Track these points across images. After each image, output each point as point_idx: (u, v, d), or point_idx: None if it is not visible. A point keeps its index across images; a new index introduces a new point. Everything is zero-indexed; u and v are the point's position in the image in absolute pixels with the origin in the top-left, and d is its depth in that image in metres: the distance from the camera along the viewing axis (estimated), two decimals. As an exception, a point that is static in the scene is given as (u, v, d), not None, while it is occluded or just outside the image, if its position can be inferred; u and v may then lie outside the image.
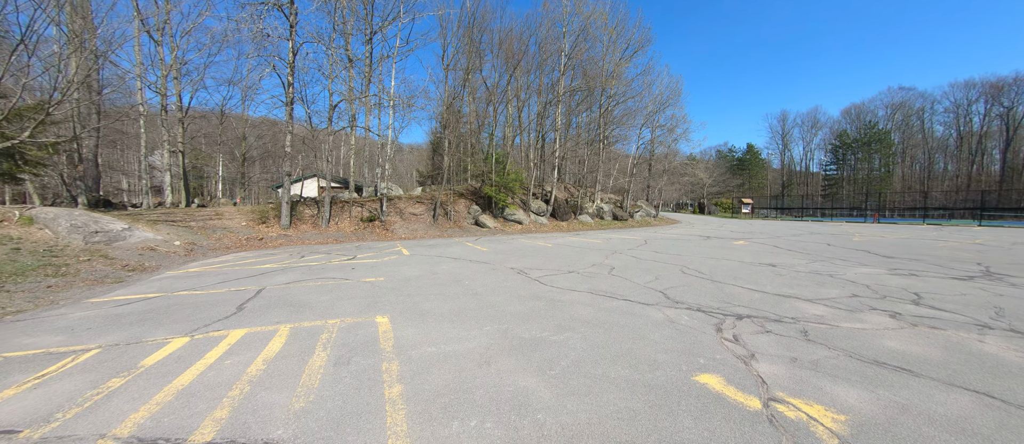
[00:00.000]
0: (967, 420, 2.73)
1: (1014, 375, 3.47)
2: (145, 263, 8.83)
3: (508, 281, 7.46)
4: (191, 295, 6.35)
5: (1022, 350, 4.07)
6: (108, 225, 10.04)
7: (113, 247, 9.36)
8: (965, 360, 3.81)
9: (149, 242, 10.25)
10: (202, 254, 10.86)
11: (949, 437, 2.52)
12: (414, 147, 61.43)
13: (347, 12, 16.64)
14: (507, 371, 3.41)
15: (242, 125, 25.83)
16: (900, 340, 4.34)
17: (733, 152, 75.64)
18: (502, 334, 4.38)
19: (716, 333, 4.52)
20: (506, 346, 4.01)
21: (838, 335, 4.47)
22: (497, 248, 13.35)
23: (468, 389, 3.08)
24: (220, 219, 15.03)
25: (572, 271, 8.63)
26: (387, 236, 16.93)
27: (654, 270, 8.76)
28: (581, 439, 2.44)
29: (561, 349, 3.93)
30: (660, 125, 35.30)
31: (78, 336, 4.36)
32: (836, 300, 6.13)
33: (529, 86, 26.35)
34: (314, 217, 17.10)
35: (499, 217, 22.46)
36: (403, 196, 23.81)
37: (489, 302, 5.83)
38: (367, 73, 19.59)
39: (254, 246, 12.87)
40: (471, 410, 2.76)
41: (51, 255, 8.01)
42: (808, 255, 11.40)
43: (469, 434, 2.48)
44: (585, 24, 24.38)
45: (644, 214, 33.68)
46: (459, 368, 3.47)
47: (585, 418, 2.67)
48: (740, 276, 8.09)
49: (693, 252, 12.15)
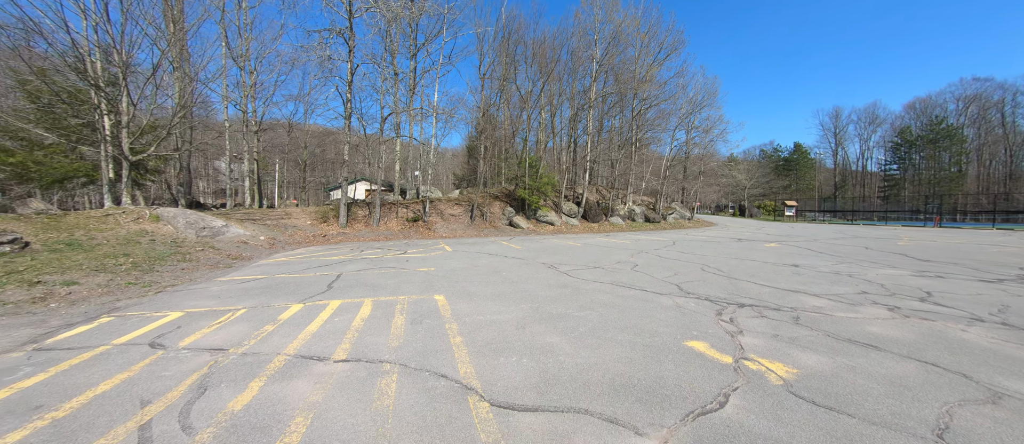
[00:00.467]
0: (900, 377, 3.50)
1: (972, 354, 4.09)
2: (242, 253, 10.83)
3: (539, 273, 8.56)
4: (289, 277, 8.02)
5: (998, 339, 4.59)
6: (211, 222, 12.28)
7: (216, 240, 11.51)
8: (934, 342, 4.43)
9: (241, 237, 12.39)
10: (281, 247, 12.90)
11: (875, 385, 3.32)
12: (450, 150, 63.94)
13: (395, 33, 18.54)
14: (537, 333, 4.52)
15: (304, 136, 28.90)
16: (884, 327, 4.97)
17: (779, 152, 71.67)
18: (533, 310, 5.49)
19: (715, 316, 5.36)
20: (536, 317, 5.12)
21: (827, 321, 5.16)
22: (530, 246, 14.47)
23: (508, 341, 4.22)
24: (289, 218, 17.33)
25: (597, 267, 9.56)
26: (430, 235, 18.57)
27: (675, 268, 9.50)
28: (589, 371, 3.50)
29: (580, 321, 4.98)
30: (695, 127, 34.85)
31: (226, 301, 5.99)
32: (842, 295, 6.67)
33: (562, 92, 27.28)
34: (366, 217, 19.10)
35: (532, 218, 23.56)
36: (442, 198, 25.57)
37: (523, 288, 6.96)
38: (412, 86, 21.48)
39: (320, 241, 14.87)
40: (511, 352, 3.90)
41: (177, 246, 10.13)
42: (837, 257, 11.54)
43: (511, 365, 3.61)
44: (616, 31, 24.95)
45: (678, 216, 33.41)
46: (501, 329, 4.63)
47: (594, 360, 3.73)
48: (757, 274, 8.65)
49: (719, 253, 12.60)
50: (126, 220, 10.74)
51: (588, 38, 24.64)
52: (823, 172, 71.21)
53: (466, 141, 46.24)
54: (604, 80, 28.17)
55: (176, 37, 17.62)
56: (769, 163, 68.40)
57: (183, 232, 11.15)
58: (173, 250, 9.71)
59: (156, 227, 10.94)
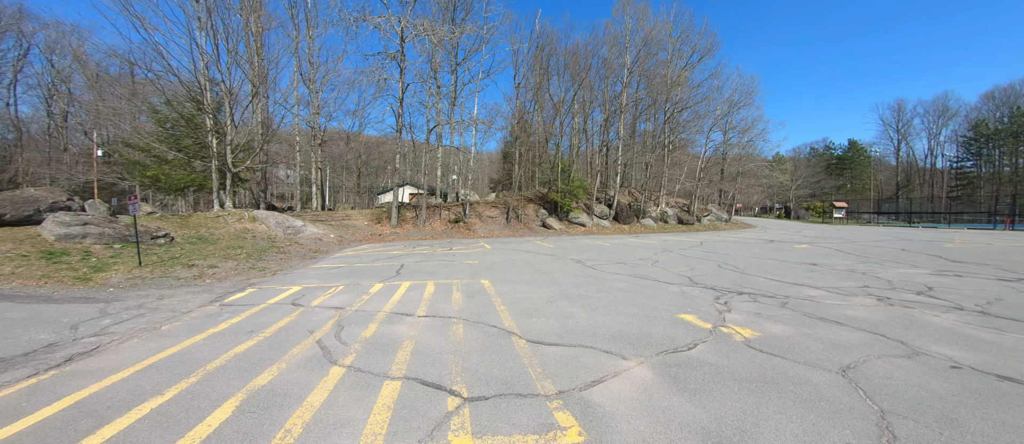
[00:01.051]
0: (844, 341, 4.51)
1: (926, 330, 4.93)
2: (320, 248, 13.08)
3: (567, 266, 9.88)
4: (364, 266, 9.94)
5: (963, 322, 5.33)
6: (293, 222, 14.75)
7: (298, 237, 13.89)
8: (898, 322, 5.29)
9: (316, 234, 14.75)
10: (348, 243, 15.15)
11: (818, 344, 4.37)
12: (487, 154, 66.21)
13: (438, 52, 20.54)
14: (561, 305, 5.90)
15: (358, 145, 32.12)
16: (860, 311, 5.83)
17: (831, 149, 67.05)
18: (560, 291, 6.86)
19: (713, 300, 6.45)
20: (561, 296, 6.49)
21: (811, 307, 6.09)
22: (560, 245, 15.75)
23: (539, 309, 5.64)
24: (349, 219, 19.82)
25: (620, 262, 10.71)
26: (470, 234, 20.36)
27: (693, 265, 10.43)
28: (596, 328, 4.83)
29: (596, 299, 6.29)
30: (733, 127, 34.32)
31: (326, 281, 7.90)
32: (842, 289, 7.42)
33: (594, 98, 28.25)
34: (413, 218, 21.27)
35: (564, 220, 24.75)
36: (480, 201, 27.41)
37: (552, 277, 8.34)
38: (453, 98, 23.49)
39: (376, 239, 17.07)
40: (541, 316, 5.31)
41: (271, 241, 12.52)
42: (862, 258, 11.81)
43: (540, 322, 5.02)
44: (647, 38, 25.55)
45: (714, 218, 33.08)
46: (533, 302, 6.05)
47: (601, 322, 5.05)
48: (770, 271, 9.42)
49: (742, 253, 13.21)
50: (232, 220, 13.35)
51: (619, 46, 25.47)
52: (884, 170, 65.77)
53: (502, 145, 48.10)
54: (637, 83, 28.74)
55: (259, 68, 20.76)
56: (820, 162, 64.30)
57: (273, 230, 13.62)
58: (270, 244, 12.06)
59: (254, 226, 13.47)
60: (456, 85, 23.34)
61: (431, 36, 17.76)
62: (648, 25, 25.67)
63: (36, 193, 9.27)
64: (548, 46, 26.94)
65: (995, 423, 2.65)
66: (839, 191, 62.12)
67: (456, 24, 20.17)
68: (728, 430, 2.56)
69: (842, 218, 38.62)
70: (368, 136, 35.03)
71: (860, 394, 3.10)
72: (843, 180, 63.03)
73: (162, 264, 8.45)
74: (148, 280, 7.50)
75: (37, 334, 4.57)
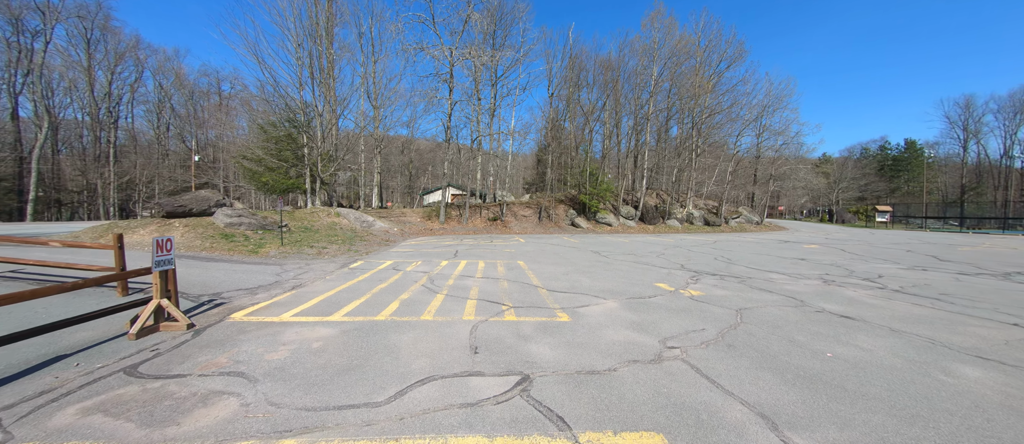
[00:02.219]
0: (761, 299, 6.75)
1: (831, 298, 7.02)
2: (389, 238, 16.44)
3: (585, 255, 12.37)
4: (429, 250, 13.02)
5: (870, 295, 7.31)
6: (365, 218, 18.31)
7: (371, 229, 17.39)
8: (819, 293, 7.38)
9: (384, 228, 18.23)
10: (408, 235, 18.52)
11: (739, 299, 6.66)
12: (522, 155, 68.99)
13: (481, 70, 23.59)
14: (574, 277, 8.48)
15: (409, 152, 36.25)
16: (800, 287, 7.91)
17: (887, 149, 62.94)
18: (575, 269, 9.43)
19: (689, 278, 8.74)
20: (575, 271, 9.06)
21: (762, 283, 8.23)
22: (585, 240, 18.15)
23: (557, 277, 8.27)
24: (405, 216, 23.37)
25: (631, 254, 13.02)
26: (506, 231, 23.21)
27: (692, 257, 12.52)
28: (594, 288, 7.38)
29: (601, 274, 8.81)
30: (769, 129, 34.68)
31: (406, 258, 11.00)
32: (802, 275, 9.35)
33: (622, 106, 30.12)
34: (458, 216, 24.47)
35: (591, 220, 26.95)
36: (515, 202, 30.23)
37: (571, 261, 10.90)
38: (492, 110, 26.47)
39: (429, 233, 20.37)
40: (558, 280, 7.94)
41: (353, 233, 16.03)
42: (857, 257, 13.24)
43: (557, 284, 7.65)
44: (674, 50, 27.06)
45: (744, 221, 33.66)
46: (554, 274, 8.69)
47: (598, 285, 7.59)
48: (756, 263, 11.35)
49: (745, 250, 14.96)
50: (322, 215, 17.08)
51: (647, 58, 27.19)
52: (949, 171, 60.85)
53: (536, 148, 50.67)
54: (669, 89, 30.17)
55: (333, 90, 24.90)
56: (872, 163, 60.77)
57: (353, 223, 17.19)
58: (353, 234, 15.56)
59: (338, 220, 17.11)
60: (495, 98, 26.34)
61: (475, 60, 20.78)
62: (675, 38, 27.20)
63: (207, 194, 13.22)
64: (579, 58, 29.24)
65: (807, 330, 4.97)
66: (893, 193, 58.51)
67: (496, 47, 23.13)
68: (645, 324, 5.08)
69: (886, 222, 37.22)
70: (418, 144, 39.08)
71: (736, 318, 5.47)
72: (899, 182, 59.19)
73: (294, 244, 11.97)
74: (290, 254, 10.96)
75: (263, 278, 7.88)
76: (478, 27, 22.38)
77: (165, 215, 11.62)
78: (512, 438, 2.45)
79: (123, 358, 3.71)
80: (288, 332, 4.51)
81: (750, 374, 3.47)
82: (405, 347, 4.06)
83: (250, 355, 3.83)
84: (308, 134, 18.84)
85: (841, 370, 3.61)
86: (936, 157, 61.55)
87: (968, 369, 3.71)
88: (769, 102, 32.09)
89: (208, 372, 3.43)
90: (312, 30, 20.36)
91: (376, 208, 25.76)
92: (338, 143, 20.96)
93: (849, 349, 4.18)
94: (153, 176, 47.55)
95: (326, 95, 22.71)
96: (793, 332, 4.74)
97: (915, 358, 3.96)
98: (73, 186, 45.70)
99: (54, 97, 45.66)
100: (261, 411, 2.76)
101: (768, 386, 3.24)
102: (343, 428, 2.56)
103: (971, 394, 3.16)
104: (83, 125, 47.12)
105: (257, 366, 3.56)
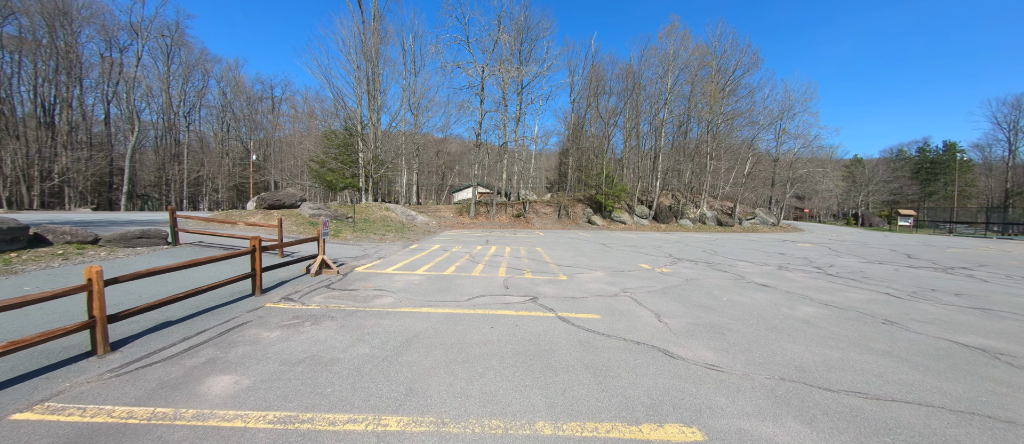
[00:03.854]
0: (712, 275, 9.25)
1: (773, 278, 9.42)
2: (430, 228, 19.63)
3: (593, 246, 14.99)
4: (464, 238, 16.04)
5: (808, 276, 9.62)
6: (409, 212, 21.62)
7: (414, 222, 20.68)
8: (766, 274, 9.76)
9: (425, 221, 21.48)
10: (444, 227, 21.70)
11: (692, 273, 9.19)
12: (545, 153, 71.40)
13: (508, 82, 26.45)
14: (579, 258, 11.20)
15: (443, 153, 39.75)
16: (753, 270, 10.27)
17: (926, 151, 60.57)
18: (581, 254, 12.13)
19: (669, 261, 11.24)
20: (581, 255, 11.77)
21: (725, 266, 10.64)
22: (596, 235, 20.67)
23: (566, 258, 11.02)
24: (439, 211, 26.64)
25: (633, 246, 15.51)
26: (528, 226, 26.00)
27: (684, 249, 14.85)
28: (592, 265, 10.08)
29: (601, 258, 11.47)
30: (785, 132, 35.60)
31: (449, 243, 14.05)
32: (765, 264, 11.61)
33: (638, 112, 32.14)
34: (486, 212, 27.50)
35: (607, 218, 29.25)
36: (537, 200, 32.94)
37: (581, 249, 13.57)
38: (518, 116, 29.30)
39: (461, 226, 23.50)
40: (566, 261, 10.69)
41: (401, 225, 19.34)
42: (834, 253, 15.12)
43: (565, 263, 10.40)
44: (687, 62, 28.82)
45: (759, 222, 34.80)
46: (564, 256, 11.43)
47: (596, 263, 10.29)
48: (738, 255, 13.58)
49: (738, 246, 17.05)
50: (376, 209, 20.53)
51: (662, 68, 29.06)
52: (995, 175, 57.97)
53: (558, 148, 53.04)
54: (689, 93, 31.87)
55: (379, 102, 28.51)
56: (907, 166, 58.87)
57: (400, 217, 20.53)
58: (401, 225, 18.85)
59: (388, 213, 20.50)
60: (520, 106, 29.12)
61: (503, 76, 23.59)
62: (689, 49, 28.95)
63: (293, 191, 16.86)
64: (600, 68, 31.50)
65: (727, 290, 7.53)
66: (931, 197, 56.56)
67: (523, 62, 25.87)
68: (616, 282, 7.77)
69: (908, 226, 36.98)
70: (450, 146, 42.54)
71: (682, 283, 8.05)
72: (937, 186, 57.07)
73: (362, 231, 15.30)
74: (362, 238, 14.25)
75: (354, 252, 11.08)
76: (506, 44, 25.22)
77: (267, 207, 15.26)
78: (525, 312, 5.29)
79: (318, 283, 6.82)
80: (396, 278, 7.54)
81: (664, 304, 6.13)
82: (466, 284, 6.98)
83: (383, 284, 6.86)
84: (362, 140, 22.45)
85: (721, 305, 6.19)
86: (986, 158, 58.80)
87: (806, 308, 6.18)
88: (786, 106, 33.12)
89: (367, 289, 6.47)
90: (367, 52, 23.90)
91: (414, 204, 29.19)
92: (384, 147, 24.46)
93: (741, 297, 6.72)
94: (215, 173, 53.67)
95: (374, 105, 26.28)
96: (715, 291, 7.29)
97: (779, 302, 6.46)
98: (152, 181, 52.41)
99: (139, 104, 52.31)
100: (404, 300, 5.73)
101: (669, 307, 5.90)
102: (445, 299, 5.48)
103: (793, 318, 5.69)
104: (159, 127, 53.81)
105: (390, 288, 6.58)
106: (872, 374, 3.57)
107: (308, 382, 3.13)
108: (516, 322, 4.83)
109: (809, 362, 3.80)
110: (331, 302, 5.58)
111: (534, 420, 2.64)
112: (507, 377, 3.30)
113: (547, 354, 3.82)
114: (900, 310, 6.07)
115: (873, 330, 4.97)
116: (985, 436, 2.58)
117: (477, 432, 2.48)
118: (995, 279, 9.42)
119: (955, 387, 3.33)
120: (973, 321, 5.54)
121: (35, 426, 2.46)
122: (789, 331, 4.84)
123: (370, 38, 24.98)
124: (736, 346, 4.22)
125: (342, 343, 4.00)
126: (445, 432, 2.48)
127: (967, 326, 5.26)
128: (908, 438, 2.54)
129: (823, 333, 4.79)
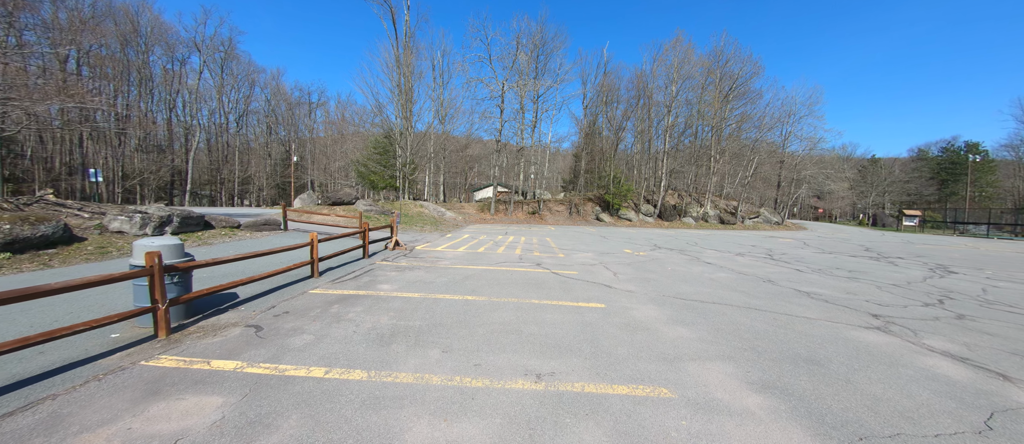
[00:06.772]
0: (680, 260, 12.28)
1: (732, 263, 12.37)
2: (458, 223, 23.15)
3: (594, 238, 18.09)
4: (487, 230, 19.43)
5: (758, 259, 12.52)
6: (439, 209, 25.16)
7: (444, 217, 24.23)
8: (722, 258, 12.71)
9: (453, 216, 25.01)
10: (469, 222, 25.22)
11: (663, 256, 12.24)
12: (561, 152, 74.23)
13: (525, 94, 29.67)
14: (579, 246, 14.38)
15: (467, 154, 43.47)
16: (715, 256, 13.20)
17: (949, 150, 59.64)
18: (582, 243, 15.30)
19: (650, 248, 14.28)
20: (582, 244, 14.94)
21: (696, 254, 13.60)
22: (601, 230, 23.70)
23: (569, 245, 14.22)
24: (463, 208, 30.18)
25: (628, 238, 18.51)
26: (542, 222, 29.20)
27: (673, 241, 17.72)
28: (587, 249, 13.27)
29: (595, 245, 14.62)
30: (792, 134, 37.33)
31: (476, 234, 17.49)
32: (731, 252, 14.46)
33: (645, 117, 34.73)
34: (504, 209, 30.86)
35: (614, 216, 32.08)
36: (551, 199, 36.06)
37: (583, 240, 16.72)
38: (533, 123, 32.51)
39: (483, 221, 26.94)
40: (567, 247, 13.90)
41: (434, 219, 22.91)
42: (804, 245, 17.68)
43: (567, 248, 13.61)
44: (690, 73, 31.18)
45: (762, 220, 36.75)
46: (567, 244, 14.64)
47: (590, 248, 13.46)
48: (716, 246, 16.40)
49: (722, 240, 19.76)
50: (412, 206, 24.20)
51: (668, 78, 31.50)
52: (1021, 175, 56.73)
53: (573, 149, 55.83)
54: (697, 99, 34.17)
55: (411, 112, 32.26)
56: (926, 166, 58.37)
57: (432, 213, 24.12)
58: (434, 220, 22.43)
59: (422, 209, 24.13)
60: (536, 113, 32.29)
61: (520, 90, 26.78)
62: (692, 62, 31.28)
63: (349, 190, 20.64)
64: (611, 77, 34.24)
65: (679, 266, 10.62)
66: (951, 198, 56.01)
67: (539, 73, 29.07)
68: (600, 260, 10.96)
69: (913, 226, 37.82)
70: (471, 147, 46.24)
71: (648, 260, 11.15)
72: (958, 186, 56.39)
73: (405, 223, 18.94)
74: (407, 229, 17.86)
75: (408, 238, 14.64)
76: (524, 61, 28.43)
77: (331, 204, 19.04)
78: (531, 269, 8.59)
79: (397, 255, 10.31)
80: (446, 253, 10.97)
81: (623, 270, 9.28)
82: (493, 257, 10.34)
83: (440, 254, 10.30)
84: (400, 145, 26.25)
85: (664, 271, 9.29)
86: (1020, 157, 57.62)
87: (722, 274, 9.20)
88: (792, 110, 34.93)
89: (431, 256, 9.91)
90: (401, 69, 27.66)
91: (440, 202, 32.89)
92: (417, 151, 28.17)
93: (682, 269, 9.79)
94: (260, 172, 59.27)
95: (406, 115, 30.06)
96: (669, 266, 10.36)
97: (707, 271, 9.50)
98: (205, 180, 58.47)
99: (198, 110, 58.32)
100: (457, 263, 9.14)
101: (625, 272, 9.06)
102: (482, 263, 8.86)
103: (706, 278, 8.75)
104: (210, 131, 59.84)
105: (446, 255, 10.00)
106: (717, 296, 6.66)
107: (423, 287, 6.53)
108: (525, 273, 8.13)
109: (688, 293, 6.92)
110: (414, 262, 9.02)
111: (531, 299, 5.94)
112: (520, 289, 6.60)
113: (541, 285, 7.10)
114: (787, 277, 9.01)
115: (751, 284, 7.98)
116: (751, 314, 5.70)
117: (508, 301, 5.80)
118: (906, 265, 12.03)
119: (758, 302, 6.39)
120: (830, 282, 8.43)
121: (320, 295, 5.94)
122: (694, 282, 7.94)
123: (403, 55, 28.71)
124: (650, 284, 7.38)
125: (431, 277, 7.40)
126: (494, 301, 5.81)
127: (818, 284, 8.19)
128: (707, 310, 5.69)
129: (716, 283, 7.86)
